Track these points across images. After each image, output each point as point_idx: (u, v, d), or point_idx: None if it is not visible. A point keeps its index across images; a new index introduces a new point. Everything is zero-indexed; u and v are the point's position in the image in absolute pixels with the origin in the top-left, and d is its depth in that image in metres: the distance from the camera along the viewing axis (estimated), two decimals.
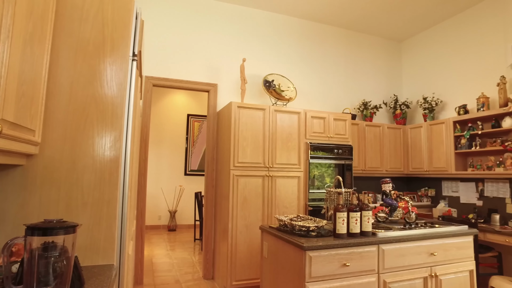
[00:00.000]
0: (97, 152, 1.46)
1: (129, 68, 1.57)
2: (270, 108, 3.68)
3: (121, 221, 1.49)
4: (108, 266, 1.38)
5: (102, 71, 1.51)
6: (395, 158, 4.86)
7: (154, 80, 3.96)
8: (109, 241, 1.42)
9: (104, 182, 1.45)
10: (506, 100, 3.76)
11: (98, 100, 1.49)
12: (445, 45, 4.85)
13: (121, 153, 1.50)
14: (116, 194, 1.46)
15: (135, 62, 1.60)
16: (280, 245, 2.24)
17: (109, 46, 1.53)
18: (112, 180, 1.47)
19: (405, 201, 2.63)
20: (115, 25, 1.54)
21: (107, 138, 1.48)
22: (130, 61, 1.58)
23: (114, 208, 1.45)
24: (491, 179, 4.07)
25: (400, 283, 2.21)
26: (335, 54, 5.08)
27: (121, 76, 1.54)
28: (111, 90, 1.51)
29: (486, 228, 3.62)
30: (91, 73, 1.49)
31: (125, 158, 1.54)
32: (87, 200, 1.42)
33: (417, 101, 5.27)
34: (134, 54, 1.60)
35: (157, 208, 7.28)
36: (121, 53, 1.55)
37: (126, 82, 1.55)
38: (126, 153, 1.54)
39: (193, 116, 7.78)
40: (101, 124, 1.48)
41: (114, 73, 1.53)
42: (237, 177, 3.45)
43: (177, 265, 4.51)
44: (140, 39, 1.80)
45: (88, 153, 1.45)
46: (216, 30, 4.34)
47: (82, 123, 1.46)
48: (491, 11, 4.23)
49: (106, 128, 1.49)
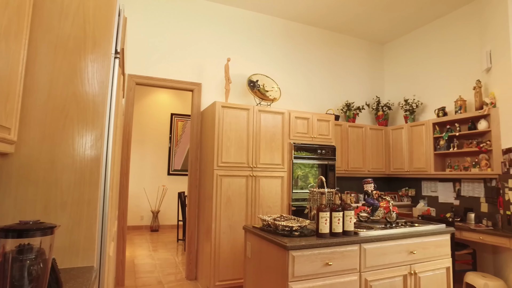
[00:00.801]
0: (77, 151, 1.43)
1: (111, 65, 1.54)
2: (254, 108, 3.68)
3: (102, 222, 1.46)
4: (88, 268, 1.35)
5: (83, 69, 1.47)
6: (377, 159, 4.95)
7: (137, 79, 3.90)
8: (89, 242, 1.39)
9: (84, 181, 1.42)
10: (482, 103, 3.89)
11: (78, 98, 1.45)
12: (425, 49, 4.99)
13: (102, 152, 1.47)
14: (97, 194, 1.43)
15: (117, 60, 1.57)
16: (263, 245, 2.24)
17: (90, 43, 1.49)
18: (93, 180, 1.43)
19: (386, 201, 2.68)
20: (96, 21, 1.51)
21: (88, 137, 1.45)
22: (113, 58, 1.55)
23: (94, 208, 1.42)
24: (467, 179, 4.21)
25: (381, 281, 2.25)
26: (319, 55, 5.14)
27: (103, 74, 1.51)
28: (93, 88, 1.48)
29: (462, 227, 3.74)
30: (71, 70, 1.45)
31: (107, 157, 1.51)
32: (67, 200, 1.38)
33: (398, 103, 5.39)
34: (117, 52, 1.57)
35: (140, 208, 7.16)
36: (103, 50, 1.51)
37: (108, 80, 1.51)
38: (108, 152, 1.51)
39: (177, 115, 7.70)
40: (81, 123, 1.45)
41: (96, 71, 1.49)
42: (220, 177, 3.44)
43: (160, 266, 4.46)
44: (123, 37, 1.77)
45: (68, 152, 1.41)
46: (201, 29, 4.31)
47: (62, 122, 1.42)
48: (468, 18, 4.37)
49: (87, 127, 1.45)
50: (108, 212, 1.49)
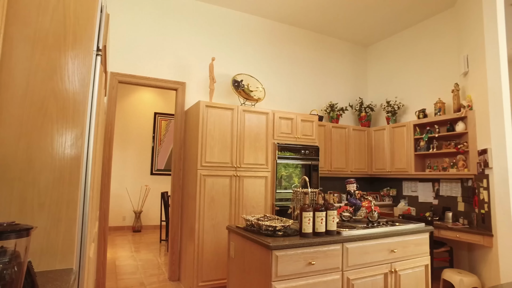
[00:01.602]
0: (56, 150, 1.39)
1: (93, 63, 1.50)
2: (238, 108, 3.68)
3: (82, 223, 1.43)
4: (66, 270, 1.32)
5: (63, 65, 1.43)
6: (359, 159, 5.04)
7: (120, 77, 3.82)
8: (68, 243, 1.35)
9: (63, 181, 1.38)
10: (459, 105, 4.02)
11: (58, 95, 1.41)
12: (407, 52, 5.10)
13: (83, 151, 1.43)
14: (77, 194, 1.40)
15: (99, 57, 1.54)
16: (247, 245, 2.24)
17: (71, 39, 1.45)
18: (73, 180, 1.40)
19: (368, 201, 2.73)
20: (77, 17, 1.47)
21: (68, 136, 1.41)
22: (94, 56, 1.51)
23: (74, 209, 1.38)
24: (446, 179, 4.33)
25: (363, 280, 2.29)
26: (304, 56, 5.18)
27: (84, 71, 1.47)
28: (73, 86, 1.44)
29: (440, 225, 3.85)
30: (50, 66, 1.41)
31: (87, 156, 1.47)
32: (44, 201, 1.34)
33: (381, 104, 5.49)
34: (99, 49, 1.54)
35: (122, 208, 7.03)
36: (84, 47, 1.48)
37: (89, 77, 1.48)
38: (89, 152, 1.48)
39: (160, 114, 7.60)
40: (61, 121, 1.41)
41: (77, 68, 1.46)
42: (204, 177, 3.42)
43: (142, 267, 4.39)
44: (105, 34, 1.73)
45: (47, 151, 1.37)
46: (186, 28, 4.27)
47: (40, 119, 1.37)
48: (447, 23, 4.51)
49: (67, 125, 1.41)
50: (88, 212, 1.45)
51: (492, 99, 3.37)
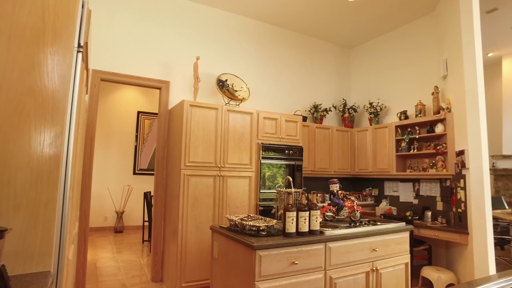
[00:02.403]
0: (34, 149, 1.34)
1: (74, 60, 1.47)
2: (223, 107, 3.66)
3: (61, 224, 1.39)
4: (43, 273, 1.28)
5: (42, 62, 1.39)
6: (342, 160, 5.10)
7: (102, 74, 3.74)
8: (46, 245, 1.31)
9: (41, 181, 1.34)
10: (439, 108, 4.13)
11: (36, 92, 1.37)
12: (389, 55, 5.21)
13: (62, 150, 1.40)
14: (56, 195, 1.36)
15: (80, 54, 1.50)
16: (230, 245, 2.24)
17: (50, 34, 1.41)
18: (51, 180, 1.36)
19: (351, 201, 2.77)
20: (57, 12, 1.43)
21: (47, 134, 1.37)
22: (75, 52, 1.47)
23: (53, 209, 1.34)
24: (426, 180, 4.45)
25: (345, 278, 2.32)
26: (288, 57, 5.21)
27: (64, 68, 1.43)
28: (52, 83, 1.40)
29: (420, 224, 3.95)
30: (28, 62, 1.37)
31: (67, 156, 1.43)
32: (21, 201, 1.30)
33: (364, 105, 5.59)
34: (80, 45, 1.50)
35: (103, 209, 6.89)
36: (65, 43, 1.44)
37: (69, 74, 1.44)
38: (68, 151, 1.44)
39: (144, 113, 7.49)
40: (39, 119, 1.36)
41: (56, 65, 1.42)
42: (188, 177, 3.39)
43: (124, 268, 4.31)
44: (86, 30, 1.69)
45: (24, 150, 1.33)
46: (170, 26, 4.22)
47: (17, 117, 1.33)
48: (427, 27, 4.63)
49: (45, 123, 1.37)
50: (68, 213, 1.42)
51: (469, 102, 3.48)
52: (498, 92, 7.95)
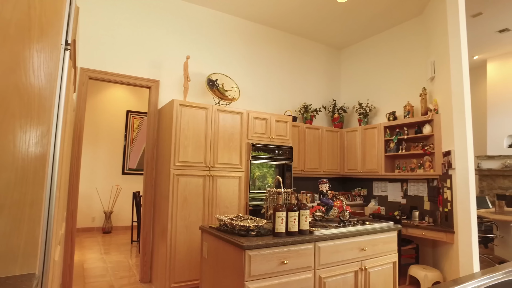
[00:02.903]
0: (19, 149, 1.31)
1: (61, 57, 1.44)
2: (213, 107, 3.65)
3: (47, 224, 1.36)
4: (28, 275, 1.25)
5: (28, 59, 1.36)
6: (332, 160, 5.14)
7: (91, 73, 3.69)
8: (30, 247, 1.29)
9: (27, 181, 1.31)
10: (426, 109, 4.20)
11: (22, 90, 1.34)
12: (378, 56, 5.27)
13: (48, 149, 1.37)
14: (42, 195, 1.33)
15: (68, 51, 1.48)
16: (220, 245, 2.23)
17: (36, 31, 1.38)
18: (37, 180, 1.33)
19: (340, 201, 2.79)
20: (44, 8, 1.40)
21: (33, 133, 1.34)
22: (62, 50, 1.45)
23: (38, 210, 1.32)
24: (413, 180, 4.51)
25: (334, 278, 2.34)
26: (279, 57, 5.22)
27: (51, 65, 1.40)
28: (39, 81, 1.37)
29: (408, 224, 4.01)
30: (12, 59, 1.34)
31: (54, 155, 1.41)
32: (4, 202, 1.27)
33: (353, 106, 5.64)
34: (67, 43, 1.47)
35: (91, 209, 6.79)
36: (51, 40, 1.41)
37: (56, 72, 1.41)
38: (55, 150, 1.41)
39: (133, 112, 7.41)
40: (25, 118, 1.33)
41: (43, 62, 1.39)
42: (177, 177, 3.37)
43: (112, 269, 4.26)
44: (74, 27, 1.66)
45: (8, 149, 1.30)
46: (160, 25, 4.19)
47: (1, 115, 1.30)
48: (416, 30, 4.70)
49: (31, 122, 1.34)
50: (54, 213, 1.39)
51: (455, 103, 3.55)
52: (483, 94, 8.13)
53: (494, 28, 5.80)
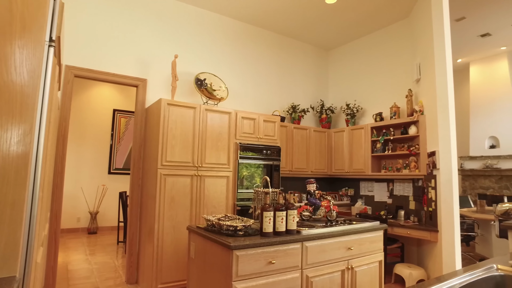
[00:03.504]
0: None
1: (45, 54, 1.41)
2: (201, 107, 3.63)
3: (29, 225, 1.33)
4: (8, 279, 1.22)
5: (9, 55, 1.32)
6: (320, 160, 5.18)
7: (76, 71, 3.62)
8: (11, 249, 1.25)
9: (8, 181, 1.28)
10: (412, 110, 4.27)
11: (3, 88, 1.30)
12: (366, 57, 5.34)
13: (31, 148, 1.34)
14: (23, 195, 1.30)
15: (52, 48, 1.44)
16: (207, 245, 2.22)
17: (18, 26, 1.35)
18: (19, 180, 1.30)
19: (327, 200, 2.82)
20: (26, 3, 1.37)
21: (14, 132, 1.31)
22: (46, 46, 1.41)
23: (20, 210, 1.29)
24: (399, 180, 4.59)
25: (321, 277, 2.36)
26: (267, 57, 5.23)
27: (34, 62, 1.37)
28: (21, 78, 1.34)
29: (393, 223, 4.07)
30: None
31: (37, 154, 1.38)
32: None
33: (341, 107, 5.69)
34: (52, 39, 1.44)
35: (76, 209, 6.66)
36: (35, 36, 1.38)
37: (40, 69, 1.38)
38: (39, 149, 1.38)
39: (120, 111, 7.30)
40: (6, 115, 1.30)
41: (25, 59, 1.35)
42: (164, 176, 3.34)
43: (97, 270, 4.19)
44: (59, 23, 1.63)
45: None
46: (149, 23, 4.14)
47: None
48: (402, 32, 4.78)
49: (13, 120, 1.31)
50: (37, 214, 1.36)
51: (440, 105, 3.62)
52: (466, 96, 8.33)
53: (477, 33, 5.95)
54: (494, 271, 1.30)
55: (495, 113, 7.44)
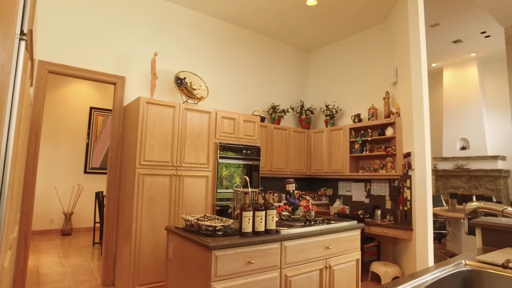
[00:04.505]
0: None
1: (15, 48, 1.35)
2: (180, 106, 3.59)
3: None
4: None
5: None
6: (299, 160, 5.23)
7: (51, 66, 3.50)
8: None
9: None
10: (389, 112, 4.39)
11: None
12: (345, 60, 5.43)
13: None
14: None
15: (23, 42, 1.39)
16: (186, 246, 2.20)
17: None
18: None
19: (306, 200, 2.85)
20: None
21: None
22: (17, 40, 1.36)
23: None
24: (376, 180, 4.70)
25: (300, 276, 2.38)
26: (248, 57, 5.23)
27: (3, 56, 1.31)
28: None
29: (370, 222, 4.17)
30: None
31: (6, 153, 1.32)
32: None
33: (320, 107, 5.77)
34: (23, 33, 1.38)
35: (49, 210, 6.43)
36: (4, 29, 1.32)
37: (10, 64, 1.32)
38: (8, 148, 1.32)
39: (97, 109, 7.11)
40: None
41: None
42: (143, 176, 3.28)
43: (71, 273, 4.06)
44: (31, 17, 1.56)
45: None
46: (128, 20, 4.05)
47: None
48: (380, 36, 4.90)
49: None
50: (4, 216, 1.30)
51: (415, 107, 3.74)
52: (440, 99, 8.64)
53: (450, 39, 6.19)
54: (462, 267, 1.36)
55: (466, 116, 7.75)
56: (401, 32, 4.18)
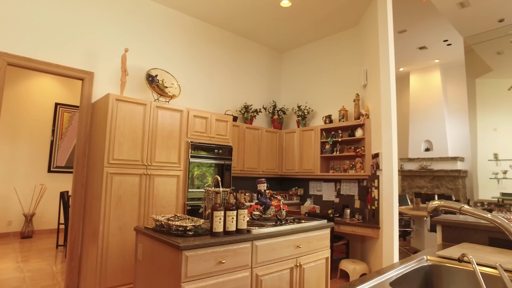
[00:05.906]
0: None
1: None
2: (151, 104, 3.51)
3: None
4: None
5: None
6: (271, 160, 5.27)
7: (10, 58, 3.30)
8: None
9: None
10: (359, 114, 4.53)
11: None
12: (317, 62, 5.54)
13: None
14: None
15: None
16: (156, 246, 2.15)
17: None
18: None
19: (278, 200, 2.88)
20: None
21: None
22: None
23: None
24: (346, 180, 4.83)
25: (271, 275, 2.40)
26: (222, 56, 5.21)
27: None
28: None
29: (340, 221, 4.28)
30: None
31: None
32: None
33: (292, 108, 5.85)
34: None
35: (7, 211, 6.07)
36: None
37: None
38: None
39: (63, 105, 6.80)
40: None
41: None
42: (111, 175, 3.17)
43: (31, 278, 3.86)
44: None
45: None
46: (97, 13, 3.91)
47: None
48: (352, 39, 5.04)
49: None
50: None
51: (383, 110, 3.88)
52: (407, 102, 9.03)
53: (416, 45, 6.48)
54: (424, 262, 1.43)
55: (430, 119, 8.16)
56: (371, 36, 4.32)
